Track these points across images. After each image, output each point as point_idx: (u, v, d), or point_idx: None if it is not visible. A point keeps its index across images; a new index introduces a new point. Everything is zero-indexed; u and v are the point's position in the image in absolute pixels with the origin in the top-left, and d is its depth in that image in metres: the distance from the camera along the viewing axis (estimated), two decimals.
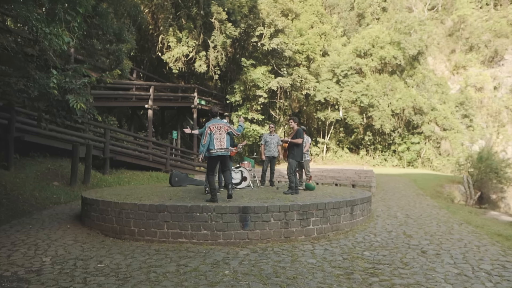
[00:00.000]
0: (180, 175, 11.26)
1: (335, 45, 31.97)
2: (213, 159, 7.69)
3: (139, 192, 9.08)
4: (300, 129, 8.77)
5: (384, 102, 30.52)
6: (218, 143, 7.51)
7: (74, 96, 6.39)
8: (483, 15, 51.57)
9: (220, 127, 7.60)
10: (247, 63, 25.07)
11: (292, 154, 8.73)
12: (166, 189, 10.17)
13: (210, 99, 25.00)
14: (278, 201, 7.18)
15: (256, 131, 26.58)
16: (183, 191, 9.42)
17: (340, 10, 36.54)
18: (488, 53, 49.30)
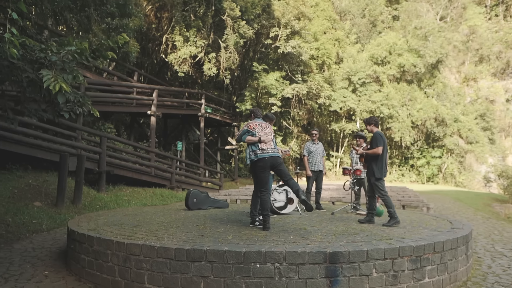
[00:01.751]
0: (199, 194, 8.67)
1: (350, 52, 29.82)
2: (261, 167, 5.56)
3: (150, 220, 6.48)
4: (378, 134, 6.28)
5: (404, 112, 28.27)
6: (263, 144, 5.62)
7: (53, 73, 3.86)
8: (492, 27, 50.01)
9: (265, 126, 5.88)
10: (259, 68, 22.73)
11: (372, 169, 6.22)
12: (184, 214, 7.58)
13: (218, 108, 22.51)
14: (375, 241, 4.61)
15: None
16: (213, 218, 6.83)
17: (352, 17, 34.57)
18: (499, 65, 47.55)
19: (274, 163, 5.62)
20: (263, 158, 5.53)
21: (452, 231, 5.49)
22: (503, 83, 47.32)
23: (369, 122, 6.45)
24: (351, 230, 5.43)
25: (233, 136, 24.82)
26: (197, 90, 20.98)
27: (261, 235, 4.98)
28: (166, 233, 5.09)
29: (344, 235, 5.01)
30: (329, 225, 5.99)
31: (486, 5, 51.95)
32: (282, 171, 5.74)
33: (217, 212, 7.92)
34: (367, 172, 6.41)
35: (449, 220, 7.09)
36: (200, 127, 20.50)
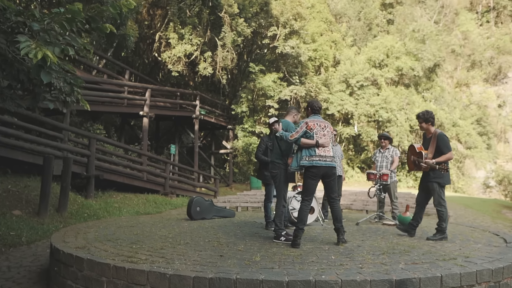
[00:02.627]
0: (203, 202, 7.67)
1: (348, 54, 29.12)
2: (313, 173, 4.69)
3: (150, 234, 5.46)
4: (445, 135, 5.34)
5: (402, 116, 27.61)
6: (321, 149, 4.70)
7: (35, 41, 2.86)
8: (483, 33, 50.11)
9: (325, 126, 4.88)
10: (256, 68, 21.81)
11: (438, 174, 5.19)
12: (188, 226, 6.57)
13: (213, 110, 21.51)
14: (440, 262, 3.67)
15: None
16: (224, 230, 5.84)
17: (348, 19, 33.98)
18: (491, 71, 47.56)
19: (328, 173, 4.79)
20: (319, 166, 4.68)
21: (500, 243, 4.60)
22: (495, 89, 47.32)
23: (426, 119, 5.37)
24: (398, 247, 4.50)
25: (227, 139, 23.83)
26: (192, 91, 19.96)
27: (294, 254, 4.01)
28: (175, 253, 4.09)
29: (396, 254, 4.07)
30: (366, 240, 5.05)
31: (477, 11, 52.11)
32: (333, 186, 4.86)
33: (225, 223, 6.93)
34: (430, 177, 5.24)
35: (492, 232, 6.22)
36: (194, 129, 19.47)
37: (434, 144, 5.18)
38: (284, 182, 5.12)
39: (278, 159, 5.12)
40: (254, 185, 21.90)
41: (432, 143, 5.22)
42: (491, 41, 47.60)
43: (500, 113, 43.98)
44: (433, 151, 5.16)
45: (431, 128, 5.36)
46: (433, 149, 5.17)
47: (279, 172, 5.09)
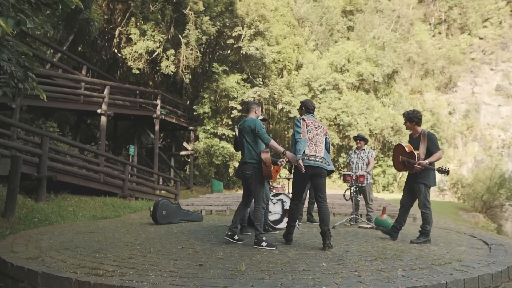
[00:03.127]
0: (170, 205, 7.14)
1: (310, 58, 29.35)
2: (301, 173, 4.57)
3: (114, 241, 4.91)
4: (433, 134, 5.20)
5: (362, 121, 28.17)
6: (312, 147, 4.63)
7: None
8: (436, 43, 52.61)
9: (318, 126, 4.82)
10: (219, 69, 21.33)
11: (427, 176, 5.07)
12: (154, 230, 6.04)
13: (175, 110, 20.75)
14: (438, 267, 3.43)
15: (226, 148, 22.65)
16: (195, 235, 5.38)
17: (310, 24, 34.31)
18: (443, 79, 49.96)
19: (317, 173, 4.67)
20: (307, 166, 4.57)
21: (500, 249, 4.50)
22: (446, 97, 49.75)
23: (410, 118, 5.24)
24: (388, 251, 4.25)
25: (188, 141, 23.16)
26: (153, 90, 19.12)
27: (281, 262, 3.64)
28: (147, 262, 3.59)
29: (388, 259, 3.81)
30: (351, 244, 4.78)
31: (430, 23, 54.62)
32: (321, 185, 4.75)
33: (194, 227, 6.45)
34: (417, 178, 5.07)
35: (468, 234, 6.19)
36: (154, 130, 18.65)
37: (424, 144, 5.02)
38: (260, 183, 4.76)
39: (252, 159, 4.74)
40: (215, 188, 21.39)
41: (422, 143, 5.06)
42: (442, 52, 50.03)
43: (450, 120, 46.22)
44: (424, 152, 4.99)
45: (416, 128, 5.21)
46: (424, 149, 5.01)
47: (253, 172, 4.72)
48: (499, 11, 51.03)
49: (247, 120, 4.87)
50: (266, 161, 4.64)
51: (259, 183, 4.75)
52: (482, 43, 50.00)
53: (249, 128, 4.74)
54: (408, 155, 5.09)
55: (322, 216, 4.59)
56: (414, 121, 5.19)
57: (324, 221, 4.54)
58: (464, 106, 48.66)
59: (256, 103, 5.18)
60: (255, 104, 5.13)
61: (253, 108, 5.06)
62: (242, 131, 4.86)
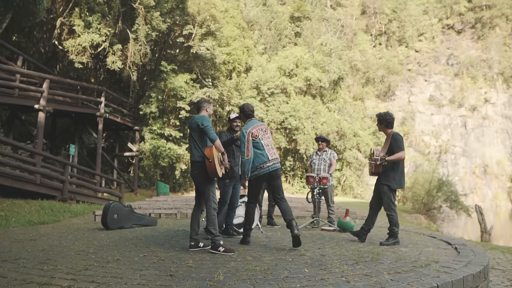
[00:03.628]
0: (122, 209, 6.58)
1: (260, 61, 29.39)
2: (261, 179, 4.75)
3: (62, 250, 4.34)
4: (399, 135, 5.14)
5: (309, 125, 28.69)
6: (271, 151, 4.80)
7: None
8: (376, 53, 55.41)
9: (265, 129, 4.96)
10: (168, 68, 20.59)
11: (391, 178, 5.04)
12: (106, 236, 5.49)
13: (120, 108, 19.67)
14: (421, 269, 3.33)
15: (173, 150, 21.92)
16: (153, 241, 4.93)
17: (260, 27, 34.46)
18: (382, 88, 52.68)
19: (272, 176, 4.77)
20: (266, 174, 4.72)
21: (464, 249, 4.56)
22: (385, 104, 52.51)
23: (380, 120, 5.24)
24: (364, 254, 4.12)
25: (133, 141, 22.11)
26: (97, 87, 17.95)
27: (260, 269, 3.35)
28: (108, 274, 3.13)
29: (369, 262, 3.67)
30: (323, 248, 4.60)
31: (371, 34, 57.42)
32: (278, 186, 4.84)
33: (151, 233, 5.97)
34: (381, 180, 5.07)
35: (427, 234, 6.31)
36: (97, 129, 17.53)
37: (387, 144, 5.06)
38: (207, 181, 4.46)
39: (199, 157, 4.44)
40: (161, 191, 20.60)
41: (386, 143, 5.10)
42: (382, 62, 52.76)
43: None
44: (386, 150, 5.02)
45: (386, 130, 5.20)
46: (385, 149, 5.06)
47: (200, 171, 4.42)
48: (432, 27, 54.93)
49: (195, 117, 4.58)
50: (210, 157, 4.34)
51: (206, 182, 4.44)
52: (417, 55, 53.45)
53: (195, 125, 4.47)
54: (371, 155, 5.10)
55: (284, 209, 4.63)
56: (383, 123, 5.18)
57: (286, 212, 4.59)
58: (401, 114, 51.63)
59: (207, 101, 4.85)
60: (205, 102, 4.80)
61: (203, 106, 4.73)
62: (190, 129, 4.59)
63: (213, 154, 4.35)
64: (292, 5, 45.78)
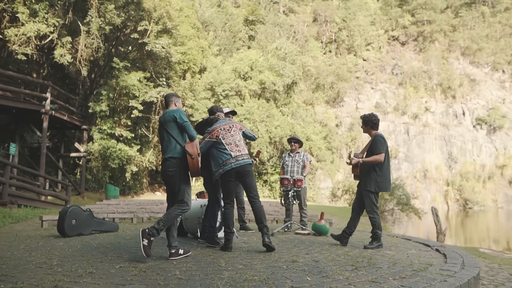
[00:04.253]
0: (81, 213, 5.98)
1: (215, 62, 28.96)
2: (226, 176, 4.56)
3: (20, 263, 3.79)
4: (380, 136, 5.03)
5: (262, 128, 28.72)
6: (235, 148, 4.65)
7: None
8: (326, 60, 56.99)
9: (229, 127, 4.79)
10: (120, 65, 19.60)
11: (372, 180, 4.93)
12: (67, 245, 4.92)
13: (67, 106, 18.37)
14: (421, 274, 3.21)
15: (124, 151, 20.89)
16: (126, 249, 4.45)
17: (215, 29, 34.02)
18: (331, 94, 54.21)
19: (242, 172, 4.59)
20: (231, 170, 4.54)
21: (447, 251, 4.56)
22: (334, 110, 54.10)
23: (365, 121, 5.14)
24: (358, 259, 3.95)
25: (81, 141, 20.80)
26: (42, 81, 16.60)
27: (259, 278, 3.04)
28: None
29: (367, 267, 3.50)
30: (310, 252, 4.38)
31: (322, 41, 58.94)
32: (249, 184, 4.66)
33: (115, 239, 5.44)
34: (362, 183, 5.02)
35: (401, 237, 6.34)
36: (42, 127, 16.22)
37: (369, 145, 4.98)
38: (185, 182, 4.08)
39: (176, 153, 4.05)
40: (110, 194, 19.49)
41: (369, 144, 5.01)
42: (332, 68, 54.31)
43: (337, 132, 50.19)
44: (366, 151, 4.97)
45: (371, 131, 5.11)
46: (365, 150, 5.01)
47: (177, 170, 4.03)
48: (379, 38, 57.50)
49: (169, 111, 4.20)
50: (193, 154, 3.97)
51: (184, 181, 4.06)
52: (365, 64, 55.65)
53: (171, 118, 4.09)
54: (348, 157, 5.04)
55: (257, 214, 4.51)
56: (369, 124, 5.10)
57: (259, 218, 4.47)
58: (349, 119, 53.42)
59: (175, 95, 4.49)
60: (173, 96, 4.43)
61: (172, 100, 4.37)
62: (163, 124, 4.16)
63: (195, 151, 4.00)
64: (247, 8, 45.83)
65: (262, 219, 4.48)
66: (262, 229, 4.42)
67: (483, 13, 55.98)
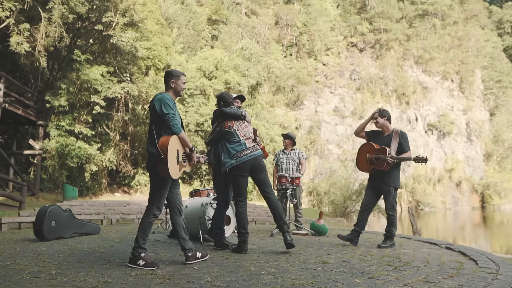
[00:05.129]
0: (61, 214, 5.36)
1: (179, 60, 28.18)
2: (241, 170, 4.22)
3: (4, 272, 3.19)
4: (405, 133, 4.95)
5: None
6: (249, 140, 4.41)
7: None
8: (287, 63, 57.55)
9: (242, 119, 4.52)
10: (82, 57, 18.45)
11: (394, 176, 4.90)
12: (50, 250, 4.36)
13: (21, 99, 16.98)
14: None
15: (83, 149, 19.71)
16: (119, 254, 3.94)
17: (179, 26, 33.15)
18: (291, 97, 54.81)
19: (255, 166, 4.33)
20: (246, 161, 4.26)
21: (457, 247, 4.49)
22: (294, 113, 54.68)
23: (384, 115, 4.99)
24: (385, 258, 3.73)
25: (36, 138, 19.35)
26: None
27: (306, 282, 2.73)
28: None
29: (404, 266, 3.28)
30: (331, 253, 4.12)
31: (283, 44, 59.44)
32: (263, 179, 4.43)
33: (103, 242, 4.92)
34: (384, 180, 4.81)
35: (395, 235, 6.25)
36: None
37: (396, 142, 4.80)
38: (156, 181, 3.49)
39: (152, 147, 3.46)
40: (68, 195, 18.26)
41: (394, 140, 4.82)
42: (292, 72, 54.91)
43: (297, 134, 50.71)
44: (396, 149, 4.76)
45: (389, 125, 4.96)
46: (395, 147, 4.78)
47: (151, 167, 3.47)
48: (338, 44, 58.89)
49: (154, 97, 3.61)
50: (163, 151, 3.28)
51: (155, 182, 3.50)
52: (325, 68, 56.73)
53: (152, 107, 3.51)
54: (378, 152, 4.78)
55: (275, 211, 4.31)
56: (386, 116, 4.97)
57: (278, 215, 4.27)
58: (309, 122, 54.25)
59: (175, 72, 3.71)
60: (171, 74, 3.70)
61: (168, 79, 3.69)
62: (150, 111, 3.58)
63: (168, 147, 3.28)
64: (210, 7, 45.21)
65: (281, 216, 4.26)
66: (283, 226, 4.20)
67: (435, 25, 59.00)
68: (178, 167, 3.42)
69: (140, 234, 3.40)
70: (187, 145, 3.53)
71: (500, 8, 75.18)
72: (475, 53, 59.03)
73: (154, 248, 4.42)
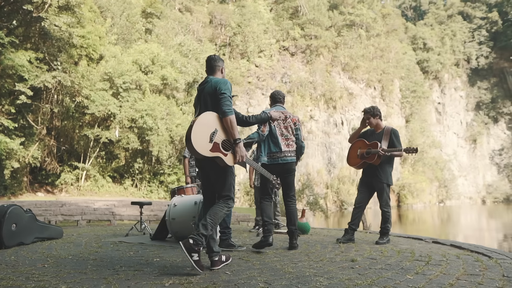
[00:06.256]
0: (22, 215, 4.64)
1: (113, 51, 26.52)
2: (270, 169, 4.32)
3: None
4: (396, 130, 5.02)
5: (163, 126, 27.37)
6: (284, 142, 4.41)
7: None
8: None
9: (285, 117, 4.49)
10: (5, 40, 16.54)
11: (387, 173, 4.97)
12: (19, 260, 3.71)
13: None
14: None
15: (4, 144, 17.72)
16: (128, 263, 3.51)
17: (112, 15, 31.18)
18: None
19: (286, 169, 4.41)
20: (277, 165, 4.39)
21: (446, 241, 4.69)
22: None
23: (374, 113, 5.00)
24: (402, 254, 3.72)
25: None
26: None
27: (364, 283, 2.58)
28: None
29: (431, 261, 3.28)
30: (345, 251, 4.02)
31: (216, 43, 59.06)
32: (290, 183, 4.48)
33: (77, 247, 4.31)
34: (377, 176, 4.88)
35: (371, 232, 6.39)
36: None
37: (387, 139, 4.89)
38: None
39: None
40: None
41: (384, 138, 4.89)
42: (225, 72, 54.84)
43: None
44: (387, 145, 4.85)
45: (381, 123, 5.03)
46: (386, 143, 4.87)
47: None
48: (271, 46, 60.02)
49: (213, 80, 3.35)
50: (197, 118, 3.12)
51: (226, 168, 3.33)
52: (257, 70, 57.46)
53: (212, 90, 3.26)
54: (369, 146, 4.86)
55: (291, 215, 4.39)
56: (377, 115, 5.02)
57: (292, 220, 4.35)
58: None
59: (222, 59, 3.61)
60: (221, 60, 3.58)
61: (218, 65, 3.52)
62: (201, 93, 3.36)
63: (205, 117, 3.08)
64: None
65: (295, 221, 4.39)
66: (294, 231, 4.34)
67: (360, 36, 62.84)
68: (210, 146, 3.02)
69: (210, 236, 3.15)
70: (232, 133, 3.14)
71: (414, 26, 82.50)
72: (394, 64, 64.00)
73: (152, 254, 3.97)
